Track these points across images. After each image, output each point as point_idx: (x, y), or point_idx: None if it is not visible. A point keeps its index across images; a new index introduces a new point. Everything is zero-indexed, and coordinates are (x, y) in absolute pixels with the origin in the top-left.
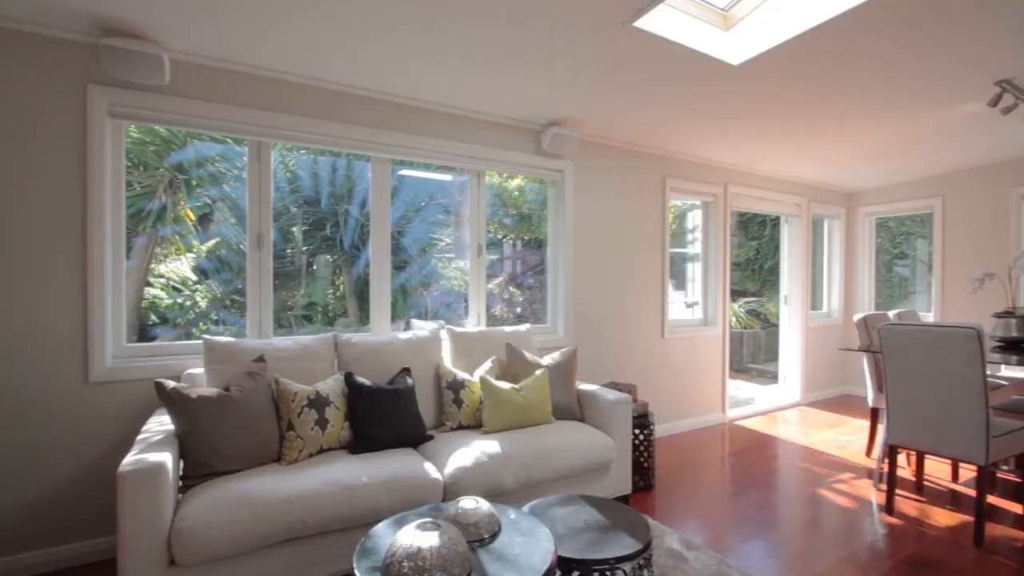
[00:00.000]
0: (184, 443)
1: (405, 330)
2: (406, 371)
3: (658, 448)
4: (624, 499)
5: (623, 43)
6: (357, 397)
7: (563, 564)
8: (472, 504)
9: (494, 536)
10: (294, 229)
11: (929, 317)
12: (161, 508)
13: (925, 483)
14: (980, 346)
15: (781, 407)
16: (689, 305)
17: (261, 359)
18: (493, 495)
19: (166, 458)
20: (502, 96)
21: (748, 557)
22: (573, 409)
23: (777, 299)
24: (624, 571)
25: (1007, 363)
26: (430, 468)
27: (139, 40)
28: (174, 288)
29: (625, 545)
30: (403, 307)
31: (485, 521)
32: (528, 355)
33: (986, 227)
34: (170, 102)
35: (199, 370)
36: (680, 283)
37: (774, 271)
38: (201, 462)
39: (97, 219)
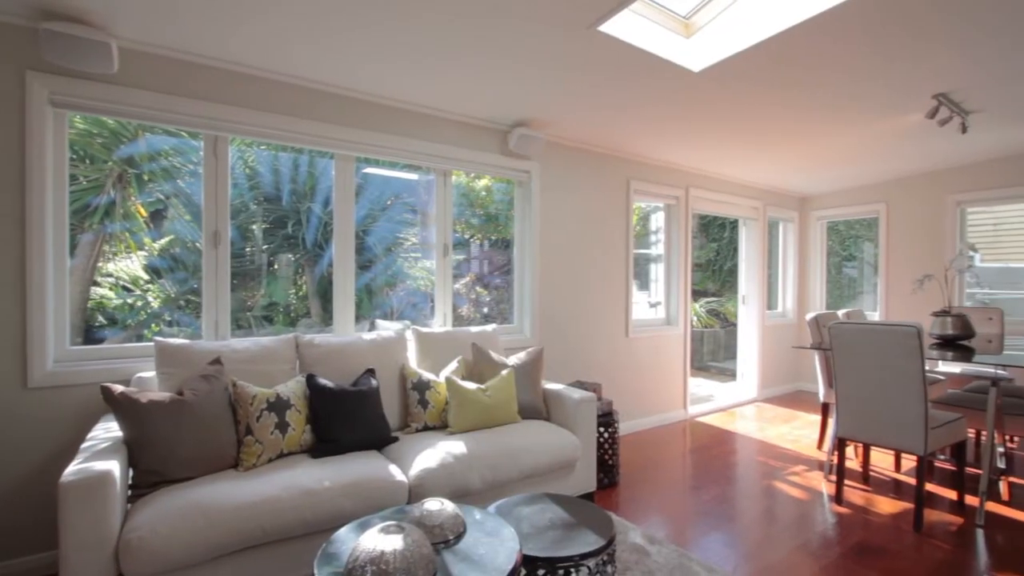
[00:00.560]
0: (133, 450)
1: (370, 330)
2: (370, 372)
3: (622, 445)
4: (589, 496)
5: (588, 46)
6: (319, 399)
7: (528, 563)
8: (437, 505)
9: (459, 537)
10: (254, 227)
11: (875, 316)
12: (107, 519)
13: (871, 473)
14: (919, 343)
15: (739, 403)
16: (653, 305)
17: (217, 361)
18: (459, 496)
19: (113, 466)
20: (469, 96)
21: (708, 549)
22: (539, 408)
23: (736, 299)
24: (588, 567)
25: (944, 359)
26: (395, 470)
27: (83, 25)
28: (124, 288)
29: (589, 542)
30: (368, 307)
31: (450, 522)
32: (494, 355)
33: (925, 231)
34: (119, 92)
35: (150, 374)
36: (644, 283)
37: (733, 272)
38: (152, 470)
39: (37, 214)
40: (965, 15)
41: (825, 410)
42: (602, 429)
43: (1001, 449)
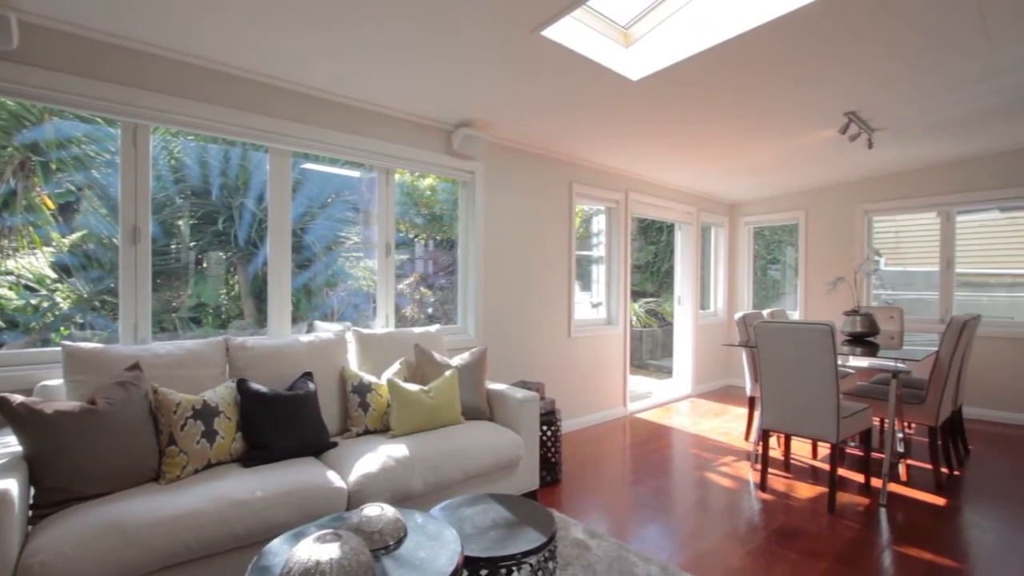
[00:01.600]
0: (35, 466)
1: (308, 332)
2: (308, 375)
3: (565, 443)
4: (532, 494)
5: (532, 50)
6: (251, 405)
7: (471, 564)
8: (376, 511)
9: (400, 542)
10: (180, 223)
11: (795, 315)
12: (3, 544)
13: (792, 461)
14: (832, 341)
15: (675, 399)
16: (594, 305)
17: (136, 367)
18: (401, 500)
19: (10, 485)
20: (413, 94)
21: (646, 541)
22: (483, 409)
23: (672, 300)
24: (530, 564)
25: (853, 354)
26: (333, 476)
27: None
28: (26, 287)
29: (531, 539)
30: (307, 308)
31: (390, 527)
32: (438, 356)
33: (838, 237)
34: (19, 71)
35: (57, 381)
36: (586, 284)
37: (670, 274)
38: (58, 487)
39: None
40: (870, 40)
41: (752, 404)
42: (545, 428)
43: (900, 435)
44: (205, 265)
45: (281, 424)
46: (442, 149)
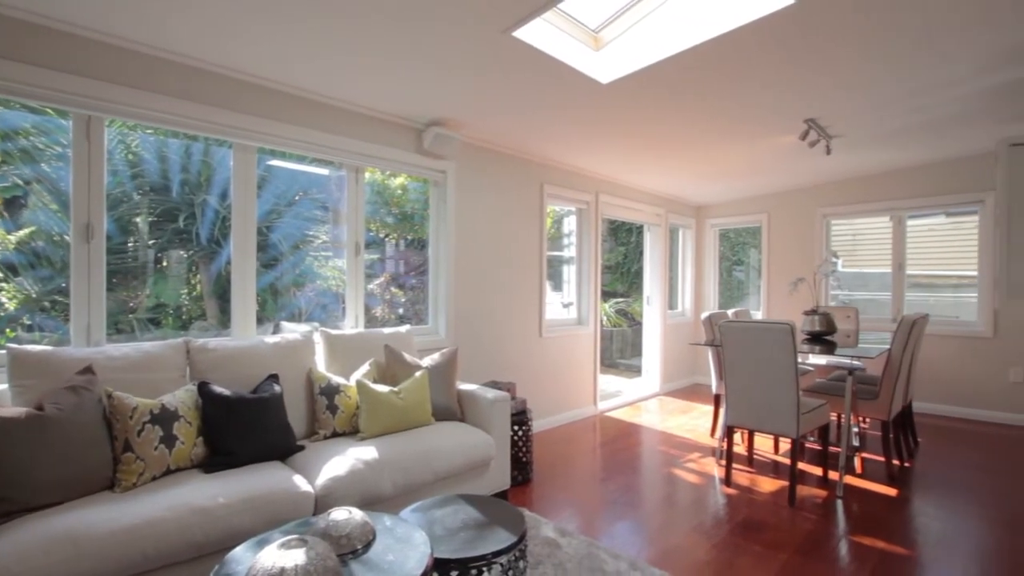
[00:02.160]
0: None
1: (274, 333)
2: (273, 378)
3: (536, 442)
4: (504, 494)
5: (503, 50)
6: (213, 408)
7: (440, 566)
8: (344, 515)
9: (368, 546)
10: (137, 220)
11: (758, 315)
12: None
13: (755, 456)
14: (792, 339)
15: (644, 397)
16: (565, 305)
17: (89, 370)
18: (370, 503)
19: None
20: (382, 91)
21: (616, 537)
22: (453, 409)
23: (641, 300)
24: (500, 564)
25: (812, 352)
26: (300, 481)
27: None
28: None
29: (501, 539)
30: (273, 308)
31: (358, 531)
32: (408, 357)
33: (799, 240)
34: None
35: (1, 387)
36: (557, 284)
37: (639, 274)
38: (3, 497)
39: None
40: (827, 51)
41: (717, 401)
42: (516, 427)
43: (856, 429)
44: (165, 264)
45: (245, 428)
46: (413, 148)
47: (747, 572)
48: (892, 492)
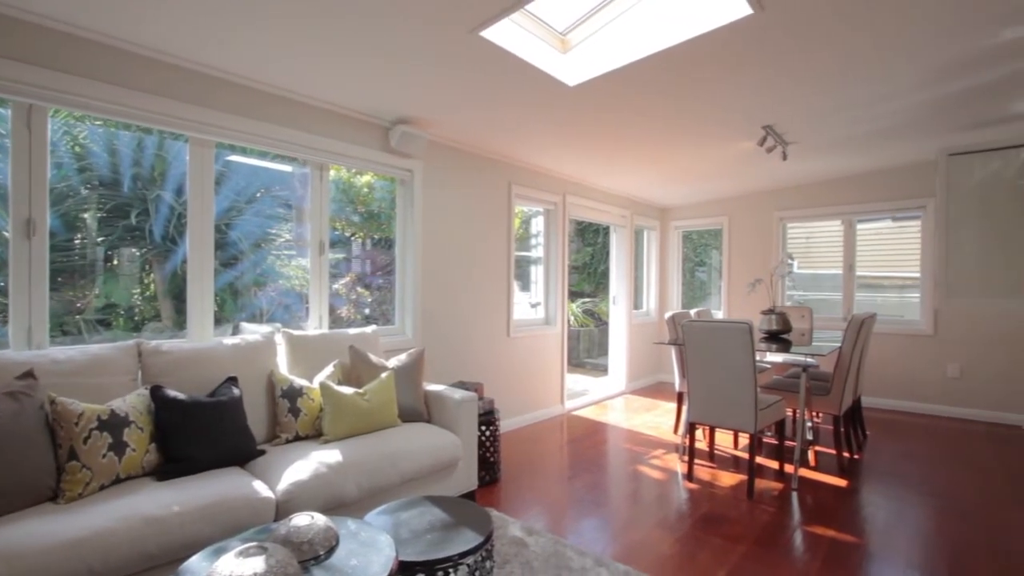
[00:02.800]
0: None
1: (233, 334)
2: (232, 380)
3: (503, 442)
4: (471, 495)
5: (470, 50)
6: (167, 413)
7: (406, 569)
8: (306, 520)
9: (331, 551)
10: (85, 215)
11: (720, 314)
12: None
13: (716, 452)
14: (751, 338)
15: (610, 396)
16: (533, 305)
17: (29, 375)
18: (335, 507)
19: None
20: (348, 87)
21: (582, 534)
22: (420, 411)
23: (608, 300)
24: (467, 565)
25: (770, 350)
26: (260, 486)
27: None
28: None
29: (468, 540)
30: (232, 309)
31: (320, 537)
32: (373, 358)
33: (757, 242)
34: None
35: None
36: (525, 284)
37: (606, 275)
38: None
39: None
40: (784, 61)
41: (680, 398)
42: (484, 428)
43: (810, 424)
44: (116, 262)
45: (201, 433)
46: (379, 146)
47: (708, 564)
48: (843, 483)
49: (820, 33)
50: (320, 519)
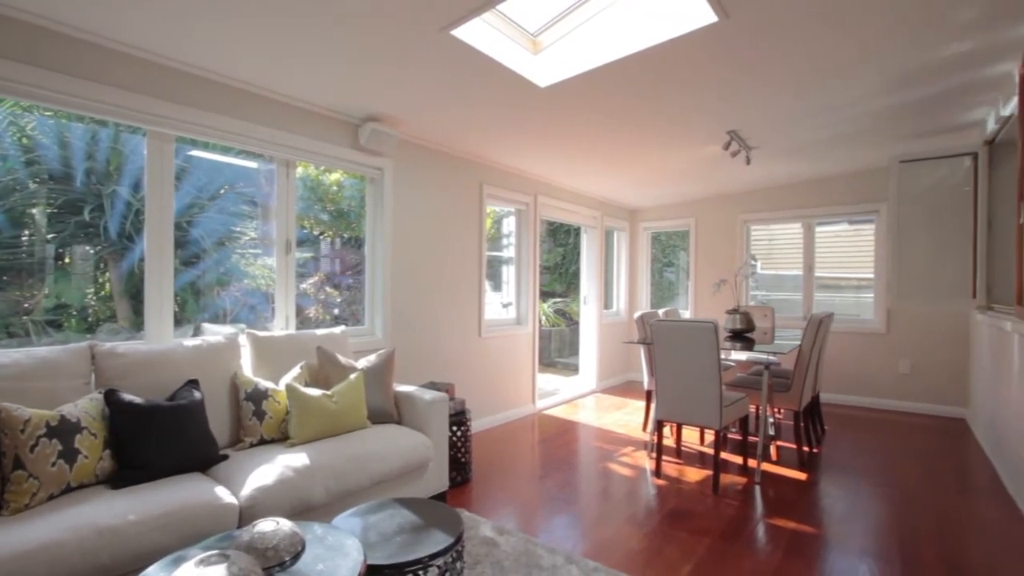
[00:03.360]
0: None
1: (194, 335)
2: (193, 383)
3: (475, 442)
4: (442, 496)
5: (441, 49)
6: (123, 418)
7: (375, 572)
8: (271, 526)
9: (296, 557)
10: (33, 211)
11: (687, 314)
12: None
13: (683, 448)
14: (716, 337)
15: (581, 395)
16: (505, 305)
17: None
18: (301, 512)
19: None
20: (316, 83)
21: (553, 533)
22: (390, 412)
23: (579, 300)
24: (437, 567)
25: (734, 349)
26: (222, 492)
27: None
28: None
29: (438, 542)
30: (194, 309)
31: (286, 542)
32: (342, 359)
33: (723, 243)
34: None
35: None
36: (497, 285)
37: (577, 275)
38: None
39: None
40: (747, 67)
41: (649, 396)
42: (455, 428)
43: (771, 420)
44: (68, 260)
45: (160, 438)
46: (348, 143)
47: (675, 558)
48: (803, 476)
49: (781, 43)
50: (285, 524)
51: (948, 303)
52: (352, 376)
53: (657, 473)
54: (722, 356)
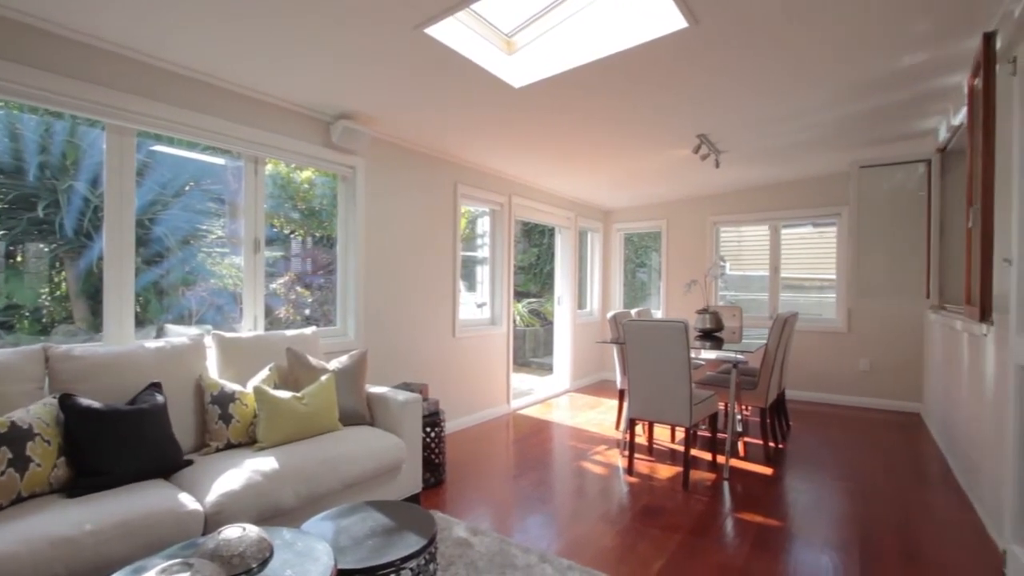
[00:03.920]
0: None
1: (157, 337)
2: (155, 386)
3: (449, 443)
4: (415, 498)
5: (415, 47)
6: (79, 424)
7: None
8: (237, 532)
9: (264, 563)
10: None
11: (659, 314)
12: None
13: (655, 446)
14: (686, 336)
15: (555, 394)
16: (479, 306)
17: None
18: (270, 517)
19: None
20: (286, 79)
21: (527, 532)
22: (362, 414)
23: (553, 300)
24: (410, 569)
25: (704, 348)
26: (186, 499)
27: None
28: None
29: (410, 544)
30: (157, 310)
31: (253, 549)
32: (313, 360)
33: (693, 245)
34: None
35: None
36: (471, 285)
37: (551, 275)
38: None
39: None
40: (717, 72)
41: (622, 395)
42: (428, 429)
43: (739, 417)
44: (19, 259)
45: (119, 444)
46: (320, 141)
47: (646, 555)
48: (769, 472)
49: (748, 50)
50: (253, 530)
51: (905, 302)
52: (323, 378)
53: (629, 471)
54: (692, 355)
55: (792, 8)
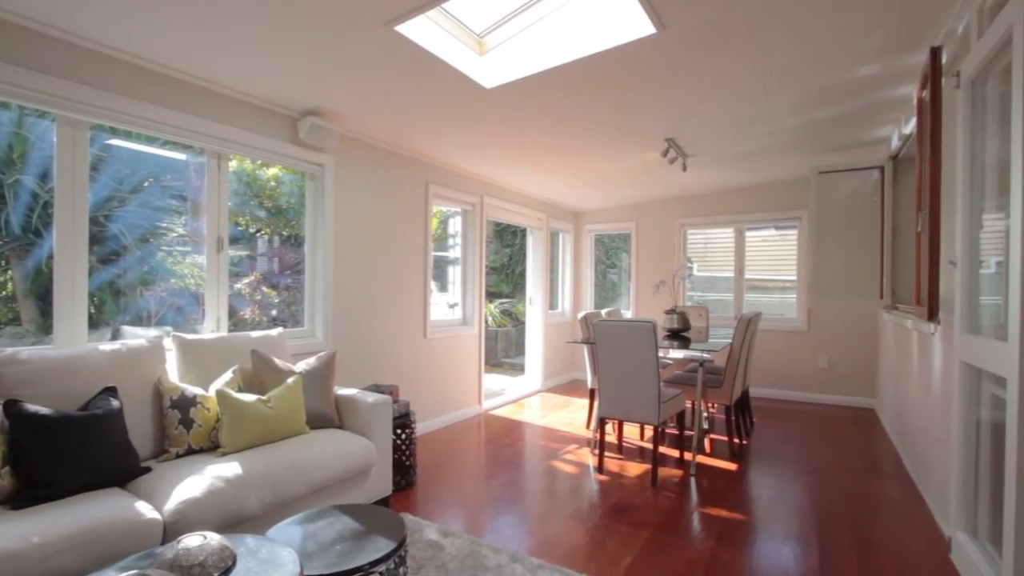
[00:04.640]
0: None
1: (112, 339)
2: (110, 391)
3: (420, 445)
4: (385, 501)
5: (385, 44)
6: (24, 432)
7: None
8: (197, 540)
9: (227, 572)
10: None
11: (629, 314)
12: None
13: (624, 444)
14: (654, 336)
15: (527, 394)
16: (451, 306)
17: None
18: (234, 524)
19: None
20: (251, 72)
21: (499, 533)
22: (331, 416)
23: (525, 300)
24: (379, 573)
25: (672, 347)
26: (143, 507)
27: None
28: None
29: (379, 548)
30: (114, 310)
31: (214, 557)
32: (279, 362)
33: (662, 246)
34: None
35: None
36: (443, 285)
37: (523, 275)
38: None
39: None
40: (684, 77)
41: (592, 395)
42: (399, 431)
43: (705, 414)
44: None
45: (70, 452)
46: (287, 137)
47: (616, 551)
48: (733, 467)
49: (713, 57)
50: (214, 538)
51: (860, 303)
52: (290, 380)
53: (600, 469)
54: (660, 354)
55: (752, 22)
